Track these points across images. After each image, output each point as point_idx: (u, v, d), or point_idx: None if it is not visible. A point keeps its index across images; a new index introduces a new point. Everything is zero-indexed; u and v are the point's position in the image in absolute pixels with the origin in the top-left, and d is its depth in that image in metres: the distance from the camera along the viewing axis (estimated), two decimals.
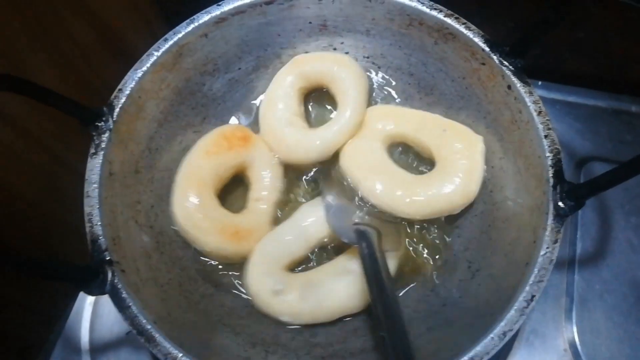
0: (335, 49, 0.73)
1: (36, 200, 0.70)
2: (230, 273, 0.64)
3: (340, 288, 0.59)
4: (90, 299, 0.71)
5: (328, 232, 0.63)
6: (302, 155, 0.67)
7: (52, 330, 0.71)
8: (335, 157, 0.68)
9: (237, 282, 0.63)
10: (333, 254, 0.64)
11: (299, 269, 0.65)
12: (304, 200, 0.68)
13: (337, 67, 0.68)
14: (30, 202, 0.69)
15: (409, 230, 0.64)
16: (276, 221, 0.66)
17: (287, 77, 0.70)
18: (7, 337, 0.72)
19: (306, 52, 0.73)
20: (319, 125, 0.69)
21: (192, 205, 0.62)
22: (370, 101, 0.73)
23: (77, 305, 0.71)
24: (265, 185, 0.66)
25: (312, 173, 0.69)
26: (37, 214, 0.70)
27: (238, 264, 0.63)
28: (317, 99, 0.74)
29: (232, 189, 0.69)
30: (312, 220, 0.63)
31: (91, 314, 0.70)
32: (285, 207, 0.67)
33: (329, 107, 0.73)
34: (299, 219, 0.64)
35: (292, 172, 0.69)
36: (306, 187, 0.69)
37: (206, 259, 0.63)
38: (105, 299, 0.68)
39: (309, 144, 0.66)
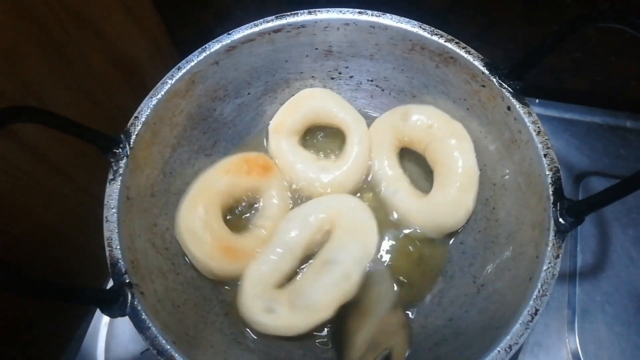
0: (340, 73, 0.76)
1: (55, 225, 0.72)
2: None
3: (324, 280, 0.60)
4: (106, 320, 0.72)
5: (310, 241, 0.65)
6: (326, 191, 0.71)
7: (64, 351, 0.73)
8: None
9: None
10: None
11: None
12: None
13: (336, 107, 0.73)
14: (50, 227, 0.71)
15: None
16: None
17: (296, 110, 0.74)
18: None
19: (313, 77, 0.76)
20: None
21: (196, 214, 0.63)
22: None
23: (92, 325, 0.72)
24: (271, 214, 0.68)
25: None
26: (55, 238, 0.72)
27: (226, 283, 0.65)
28: None
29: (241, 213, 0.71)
30: (295, 233, 0.65)
31: (107, 334, 0.72)
32: None
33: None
34: (281, 234, 0.65)
35: None
36: None
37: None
38: (120, 320, 0.71)
39: (334, 181, 0.70)
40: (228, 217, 0.69)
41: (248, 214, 0.70)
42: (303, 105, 0.74)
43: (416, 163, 0.74)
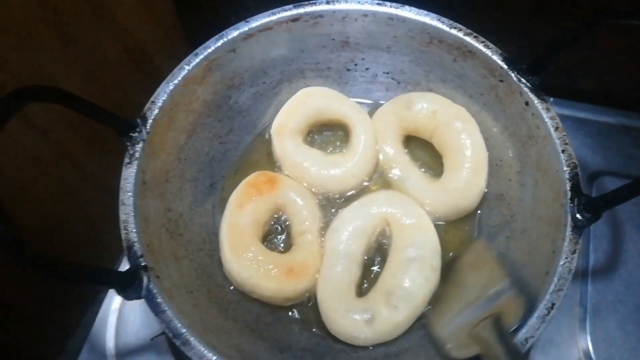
0: (356, 65, 0.76)
1: (62, 211, 0.71)
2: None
3: (415, 275, 0.60)
4: (115, 306, 0.72)
5: (367, 242, 0.65)
6: (339, 188, 0.70)
7: (72, 337, 0.72)
8: None
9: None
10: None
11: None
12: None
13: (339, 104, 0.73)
14: (56, 213, 0.70)
15: None
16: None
17: (297, 110, 0.73)
18: (28, 347, 0.72)
19: (328, 68, 0.76)
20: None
21: (244, 261, 0.62)
22: None
23: (102, 311, 0.72)
24: (305, 216, 0.67)
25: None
26: (61, 225, 0.71)
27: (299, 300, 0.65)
28: None
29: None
30: (350, 243, 0.64)
31: (116, 320, 0.71)
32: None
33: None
34: (334, 245, 0.64)
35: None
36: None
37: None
38: (131, 305, 0.71)
39: (346, 173, 0.70)
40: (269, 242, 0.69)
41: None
42: (303, 104, 0.73)
43: (422, 149, 0.74)
